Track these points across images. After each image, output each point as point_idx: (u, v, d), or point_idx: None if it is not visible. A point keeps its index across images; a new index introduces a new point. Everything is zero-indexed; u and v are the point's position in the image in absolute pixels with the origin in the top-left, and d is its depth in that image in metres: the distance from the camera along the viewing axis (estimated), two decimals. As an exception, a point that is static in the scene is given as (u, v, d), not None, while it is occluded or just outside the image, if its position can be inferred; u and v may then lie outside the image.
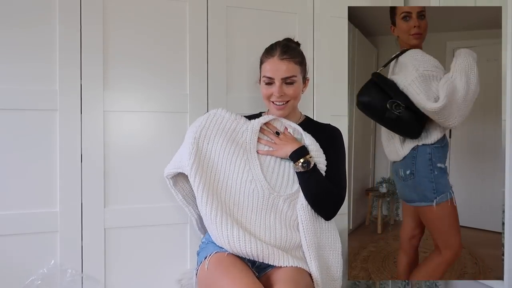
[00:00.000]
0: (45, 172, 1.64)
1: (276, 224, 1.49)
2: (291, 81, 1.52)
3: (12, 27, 1.60)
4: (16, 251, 1.61)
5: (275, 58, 1.52)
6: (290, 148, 1.51)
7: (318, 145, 1.56)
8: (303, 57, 1.58)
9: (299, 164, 1.49)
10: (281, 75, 1.51)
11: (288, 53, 1.52)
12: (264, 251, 1.40)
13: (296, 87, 1.54)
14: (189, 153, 1.51)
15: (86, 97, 1.68)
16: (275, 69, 1.51)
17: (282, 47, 1.53)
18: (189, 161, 1.50)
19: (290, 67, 1.51)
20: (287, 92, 1.53)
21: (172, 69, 1.81)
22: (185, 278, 1.74)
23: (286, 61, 1.51)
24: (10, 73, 1.60)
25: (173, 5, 1.81)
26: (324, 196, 1.51)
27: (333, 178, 1.54)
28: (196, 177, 1.48)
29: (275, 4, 1.97)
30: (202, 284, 1.46)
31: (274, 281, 1.38)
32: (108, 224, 1.72)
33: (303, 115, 1.70)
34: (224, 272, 1.37)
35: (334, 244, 1.58)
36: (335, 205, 1.54)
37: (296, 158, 1.49)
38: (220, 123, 1.58)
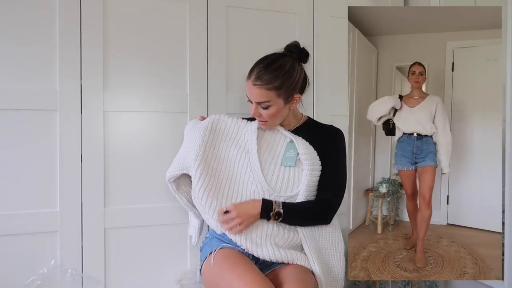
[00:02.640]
0: (45, 172, 1.64)
1: (275, 225, 1.49)
2: (265, 106, 1.51)
3: (12, 27, 1.60)
4: (16, 251, 1.61)
5: (250, 81, 1.51)
6: (255, 211, 1.46)
7: (312, 149, 1.55)
8: (285, 78, 1.49)
9: (273, 218, 1.47)
10: (254, 99, 1.52)
11: (261, 79, 1.48)
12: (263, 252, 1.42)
13: (271, 111, 1.52)
14: (195, 155, 1.52)
15: (86, 97, 1.68)
16: (249, 93, 1.52)
17: (259, 70, 1.49)
18: (195, 162, 1.51)
19: (262, 93, 1.49)
20: (262, 114, 1.53)
21: (172, 69, 1.81)
22: (185, 278, 1.74)
23: (257, 87, 1.49)
24: (10, 73, 1.60)
25: (173, 5, 1.81)
26: (311, 220, 1.54)
27: (328, 180, 1.55)
28: (200, 178, 1.49)
29: (275, 4, 1.97)
30: (208, 280, 1.46)
31: (283, 279, 1.39)
32: (108, 224, 1.72)
33: (305, 116, 1.69)
34: (230, 267, 1.37)
35: (336, 246, 1.58)
36: (325, 216, 1.55)
37: (267, 215, 1.47)
38: (223, 129, 1.60)
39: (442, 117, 2.28)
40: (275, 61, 1.51)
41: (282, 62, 1.51)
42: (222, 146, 1.58)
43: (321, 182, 1.55)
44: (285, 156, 1.56)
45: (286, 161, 1.55)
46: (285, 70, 1.50)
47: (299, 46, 1.57)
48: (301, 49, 1.56)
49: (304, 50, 1.56)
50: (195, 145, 1.55)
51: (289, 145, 1.58)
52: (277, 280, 1.40)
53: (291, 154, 1.56)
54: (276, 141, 1.60)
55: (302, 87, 1.58)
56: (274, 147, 1.59)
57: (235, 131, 1.60)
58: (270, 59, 1.53)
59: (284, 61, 1.51)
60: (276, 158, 1.57)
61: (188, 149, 1.60)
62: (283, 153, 1.57)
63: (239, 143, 1.58)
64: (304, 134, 1.60)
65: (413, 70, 2.32)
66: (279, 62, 1.51)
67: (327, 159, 1.56)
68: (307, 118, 1.69)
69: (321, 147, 1.57)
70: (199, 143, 1.54)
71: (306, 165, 1.52)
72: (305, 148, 1.54)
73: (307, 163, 1.52)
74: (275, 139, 1.60)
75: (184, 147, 1.65)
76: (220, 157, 1.56)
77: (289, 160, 1.55)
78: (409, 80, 2.38)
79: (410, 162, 2.30)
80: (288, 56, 1.54)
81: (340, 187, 1.58)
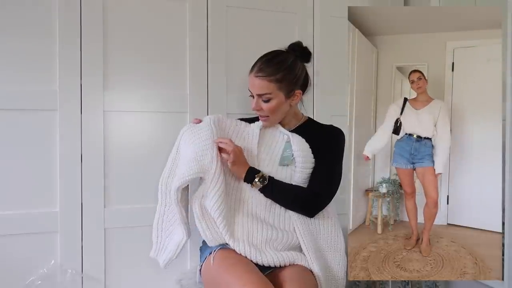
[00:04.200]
0: (45, 172, 1.64)
1: (274, 227, 1.51)
2: (266, 99, 1.52)
3: (12, 27, 1.60)
4: (16, 251, 1.61)
5: (252, 74, 1.53)
6: (242, 170, 1.50)
7: (307, 146, 1.56)
8: (287, 72, 1.52)
9: (256, 183, 1.49)
10: (255, 91, 1.53)
11: (263, 71, 1.50)
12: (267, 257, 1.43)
13: (272, 104, 1.53)
14: (211, 157, 1.46)
15: (86, 97, 1.68)
16: (251, 84, 1.54)
17: (261, 63, 1.53)
18: (212, 164, 1.46)
19: (263, 84, 1.50)
20: (263, 107, 1.54)
21: (172, 69, 1.81)
22: (185, 278, 1.74)
23: (259, 79, 1.51)
24: (10, 73, 1.60)
25: (173, 5, 1.81)
26: (292, 201, 1.54)
27: (320, 176, 1.55)
28: (218, 181, 1.45)
29: (275, 4, 1.97)
30: (207, 280, 1.46)
31: (283, 280, 1.39)
32: (108, 224, 1.72)
33: (305, 117, 1.70)
34: (230, 267, 1.37)
35: (336, 245, 1.58)
36: (310, 207, 1.55)
37: (251, 179, 1.49)
38: (224, 129, 1.59)
39: (444, 121, 2.31)
40: (277, 55, 1.56)
41: (284, 57, 1.55)
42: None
43: (312, 176, 1.56)
44: (282, 156, 1.57)
45: (283, 161, 1.56)
46: (287, 64, 1.53)
47: (302, 45, 1.60)
48: (303, 48, 1.59)
49: (306, 49, 1.60)
50: (208, 146, 1.48)
51: (286, 145, 1.58)
52: (277, 280, 1.40)
53: (287, 153, 1.57)
54: (274, 141, 1.60)
55: (304, 85, 1.60)
56: (272, 147, 1.59)
57: (235, 133, 1.60)
58: (273, 53, 1.57)
59: (287, 57, 1.55)
60: (274, 158, 1.57)
61: (199, 150, 1.49)
62: (281, 153, 1.57)
63: (238, 144, 1.57)
64: (305, 134, 1.60)
65: (412, 79, 2.36)
66: (282, 57, 1.55)
67: (321, 155, 1.56)
68: (307, 119, 1.70)
69: (318, 145, 1.57)
70: (210, 144, 1.48)
71: (299, 162, 1.54)
72: (300, 145, 1.55)
73: (299, 160, 1.53)
74: (274, 139, 1.60)
75: (191, 150, 1.52)
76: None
77: (286, 159, 1.56)
78: (412, 88, 2.42)
79: (407, 161, 2.33)
80: (291, 53, 1.57)
81: (331, 183, 1.58)
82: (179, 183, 1.45)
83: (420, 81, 2.33)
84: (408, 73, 2.41)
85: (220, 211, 1.44)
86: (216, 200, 1.44)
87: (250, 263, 1.41)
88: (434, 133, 2.31)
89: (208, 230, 1.47)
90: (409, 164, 2.33)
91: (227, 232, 1.45)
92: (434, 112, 2.32)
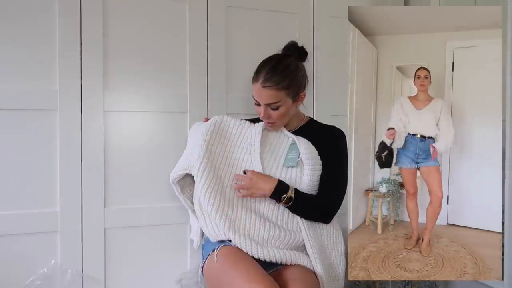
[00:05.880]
0: (45, 172, 1.64)
1: (277, 225, 1.50)
2: (275, 107, 1.51)
3: (12, 27, 1.60)
4: (16, 251, 1.61)
5: (258, 84, 1.50)
6: (267, 187, 1.48)
7: (314, 149, 1.56)
8: (293, 77, 1.52)
9: (283, 201, 1.49)
10: (264, 101, 1.51)
11: (270, 81, 1.48)
12: (265, 254, 1.42)
13: (281, 111, 1.53)
14: (198, 154, 1.51)
15: (86, 97, 1.68)
16: (258, 95, 1.52)
17: (266, 72, 1.49)
18: (197, 162, 1.51)
19: (271, 94, 1.49)
20: (272, 115, 1.53)
21: (172, 69, 1.81)
22: (185, 278, 1.74)
23: (268, 89, 1.49)
24: (10, 73, 1.60)
25: (173, 5, 1.81)
26: (315, 213, 1.55)
27: (329, 180, 1.55)
28: (202, 177, 1.48)
29: (275, 4, 1.97)
30: (210, 277, 1.46)
31: (286, 279, 1.39)
32: (108, 224, 1.72)
33: (307, 117, 1.70)
34: (234, 264, 1.37)
35: (337, 245, 1.59)
36: (328, 214, 1.56)
37: (278, 196, 1.49)
38: (227, 130, 1.60)
39: (446, 120, 2.35)
40: (280, 61, 1.53)
41: (287, 62, 1.53)
42: (226, 147, 1.58)
43: (324, 182, 1.55)
44: (287, 157, 1.56)
45: (288, 162, 1.56)
46: (291, 69, 1.52)
47: (297, 45, 1.60)
48: (300, 48, 1.59)
49: (303, 49, 1.60)
50: (197, 145, 1.55)
51: (291, 146, 1.58)
52: (280, 280, 1.40)
53: (293, 155, 1.56)
54: (279, 142, 1.60)
55: (305, 85, 1.61)
56: (277, 148, 1.59)
57: (238, 132, 1.60)
58: (276, 60, 1.54)
59: (289, 61, 1.54)
60: (279, 159, 1.57)
61: (191, 149, 1.60)
62: (286, 155, 1.57)
63: (242, 144, 1.59)
64: (307, 134, 1.60)
65: (419, 75, 2.39)
66: (285, 63, 1.53)
67: (329, 159, 1.56)
68: (309, 119, 1.70)
69: (323, 148, 1.57)
70: (201, 143, 1.53)
71: (307, 164, 1.52)
72: (307, 148, 1.54)
73: (308, 162, 1.52)
74: (278, 140, 1.60)
75: (187, 149, 1.65)
76: (223, 157, 1.56)
77: (291, 161, 1.55)
78: (415, 84, 2.44)
79: (412, 161, 2.35)
80: (290, 56, 1.56)
81: (342, 187, 1.59)
82: (171, 178, 1.64)
83: (426, 80, 2.37)
84: (408, 73, 2.42)
85: (211, 206, 1.46)
86: (205, 196, 1.47)
87: (254, 261, 1.41)
88: (437, 132, 2.33)
89: (207, 226, 1.52)
90: (413, 164, 2.35)
91: (229, 228, 1.44)
92: (436, 111, 2.35)
